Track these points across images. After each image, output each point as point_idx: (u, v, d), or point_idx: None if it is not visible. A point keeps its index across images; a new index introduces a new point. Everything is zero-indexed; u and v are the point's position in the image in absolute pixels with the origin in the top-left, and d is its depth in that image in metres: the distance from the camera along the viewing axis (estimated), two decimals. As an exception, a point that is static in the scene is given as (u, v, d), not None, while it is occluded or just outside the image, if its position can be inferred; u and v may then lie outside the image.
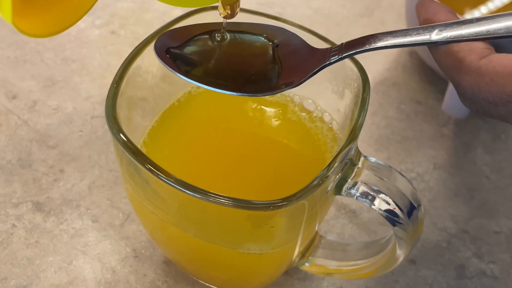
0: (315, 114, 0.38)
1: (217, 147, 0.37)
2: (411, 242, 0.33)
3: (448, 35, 0.28)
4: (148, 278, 0.40)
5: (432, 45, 0.29)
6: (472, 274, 0.42)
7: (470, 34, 0.28)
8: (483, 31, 0.28)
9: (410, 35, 0.29)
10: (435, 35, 0.28)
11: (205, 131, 0.38)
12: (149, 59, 0.35)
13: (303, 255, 0.38)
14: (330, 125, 0.38)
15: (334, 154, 0.31)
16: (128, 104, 0.34)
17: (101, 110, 0.49)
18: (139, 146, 0.35)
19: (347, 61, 0.34)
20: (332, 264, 0.38)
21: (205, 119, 0.38)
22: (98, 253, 0.41)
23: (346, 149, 0.31)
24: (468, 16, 0.52)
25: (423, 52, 0.52)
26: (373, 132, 0.50)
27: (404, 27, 0.56)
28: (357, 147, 0.33)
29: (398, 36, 0.29)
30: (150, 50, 0.34)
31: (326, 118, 0.38)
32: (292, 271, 0.41)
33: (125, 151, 0.30)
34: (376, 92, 0.52)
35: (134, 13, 0.57)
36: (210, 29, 0.34)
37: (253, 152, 0.38)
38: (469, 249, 0.43)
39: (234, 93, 0.31)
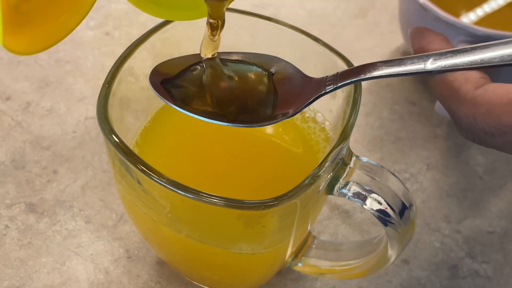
0: (307, 115, 0.38)
1: (209, 148, 0.37)
2: (403, 242, 0.33)
3: (443, 64, 0.28)
4: (141, 279, 0.40)
5: (427, 74, 0.29)
6: (465, 274, 0.42)
7: (465, 63, 0.28)
8: (477, 60, 0.28)
9: (405, 64, 0.29)
10: (430, 64, 0.29)
11: (197, 132, 0.38)
12: (141, 60, 0.35)
13: (296, 255, 0.38)
14: (322, 125, 0.38)
15: (327, 154, 0.31)
16: (120, 104, 0.34)
17: (94, 111, 0.49)
18: (131, 147, 0.35)
19: (339, 62, 0.34)
20: (325, 264, 0.38)
21: (198, 120, 0.38)
22: (91, 254, 0.41)
23: (338, 148, 0.31)
24: (464, 18, 0.52)
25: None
26: (367, 133, 0.50)
27: (397, 28, 0.57)
28: (348, 147, 0.33)
29: (393, 66, 0.29)
30: (142, 50, 0.35)
31: (319, 118, 0.38)
32: (285, 272, 0.41)
33: (117, 152, 0.30)
34: (370, 92, 0.53)
35: (128, 14, 0.57)
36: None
37: (245, 152, 0.38)
38: (462, 249, 0.44)
39: (231, 124, 0.31)
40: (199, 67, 0.33)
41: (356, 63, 0.35)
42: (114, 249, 0.41)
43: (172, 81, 0.33)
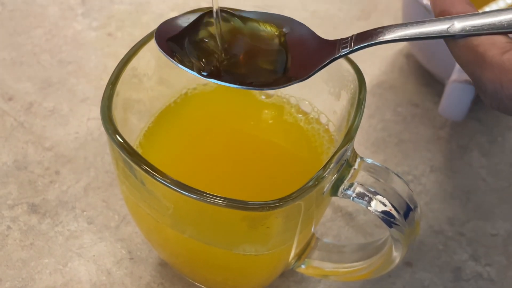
0: (311, 116, 0.38)
1: (213, 149, 0.37)
2: (407, 243, 0.33)
3: (467, 28, 0.27)
4: (144, 280, 0.40)
5: (449, 39, 0.27)
6: (468, 276, 0.42)
7: (491, 27, 0.26)
8: (504, 24, 0.26)
9: (425, 26, 0.27)
10: (453, 27, 0.27)
11: (201, 133, 0.38)
12: (145, 60, 0.35)
13: (299, 257, 0.38)
14: (326, 127, 0.38)
15: (331, 155, 0.31)
16: (124, 105, 0.34)
17: (97, 112, 0.49)
18: (134, 148, 0.35)
19: (343, 62, 0.34)
20: (328, 266, 0.38)
21: (201, 121, 0.38)
22: (94, 255, 0.41)
23: (342, 150, 0.30)
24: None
25: (420, 54, 0.52)
26: (370, 134, 0.50)
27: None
28: (353, 149, 0.33)
29: (412, 28, 0.27)
30: (146, 51, 0.34)
31: (323, 119, 0.38)
32: (288, 274, 0.41)
33: (121, 152, 0.30)
34: (373, 94, 0.52)
35: (131, 15, 0.57)
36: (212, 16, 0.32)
37: (249, 154, 0.37)
38: (466, 252, 0.43)
39: (241, 87, 0.30)
40: (208, 25, 0.32)
41: (358, 64, 0.35)
42: (117, 250, 0.41)
43: (179, 40, 0.31)
